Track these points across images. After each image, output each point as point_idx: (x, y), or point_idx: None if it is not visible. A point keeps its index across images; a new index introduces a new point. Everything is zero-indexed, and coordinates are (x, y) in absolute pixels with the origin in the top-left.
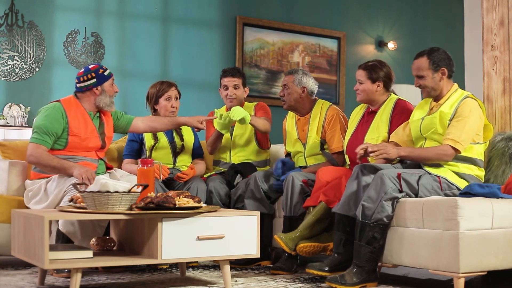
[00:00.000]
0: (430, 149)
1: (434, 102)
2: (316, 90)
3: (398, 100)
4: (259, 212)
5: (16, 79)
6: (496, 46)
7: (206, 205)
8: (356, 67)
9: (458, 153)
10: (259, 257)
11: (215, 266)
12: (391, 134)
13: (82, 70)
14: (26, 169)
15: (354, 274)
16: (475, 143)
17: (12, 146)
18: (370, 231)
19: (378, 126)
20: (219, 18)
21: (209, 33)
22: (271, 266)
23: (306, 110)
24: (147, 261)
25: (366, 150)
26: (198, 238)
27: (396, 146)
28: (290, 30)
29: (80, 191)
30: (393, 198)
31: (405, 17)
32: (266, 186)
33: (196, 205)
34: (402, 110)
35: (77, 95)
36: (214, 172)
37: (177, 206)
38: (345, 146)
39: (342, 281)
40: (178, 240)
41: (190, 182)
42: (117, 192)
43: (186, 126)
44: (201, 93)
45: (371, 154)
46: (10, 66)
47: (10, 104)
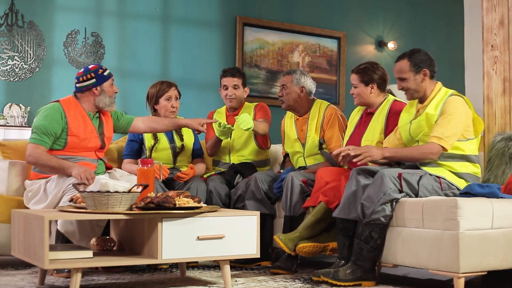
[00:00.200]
0: (416, 148)
1: (420, 104)
2: (314, 90)
3: (394, 101)
4: (259, 212)
5: (16, 79)
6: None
7: (206, 205)
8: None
9: (444, 150)
10: (259, 257)
11: (215, 266)
12: (384, 140)
13: (82, 70)
14: (26, 169)
15: (349, 271)
16: (466, 140)
17: (12, 146)
18: (367, 230)
19: (375, 128)
20: (219, 18)
21: (209, 33)
22: (271, 266)
23: (305, 110)
24: (147, 261)
25: (349, 155)
26: (198, 238)
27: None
28: (290, 30)
29: (80, 191)
30: (392, 199)
31: (405, 17)
32: (267, 186)
33: (196, 205)
34: (397, 112)
35: (76, 95)
36: (214, 172)
37: (177, 206)
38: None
39: (334, 276)
40: (178, 240)
41: (190, 182)
42: (117, 192)
43: (187, 128)
44: (201, 93)
45: (354, 160)
46: (10, 66)
47: (10, 104)
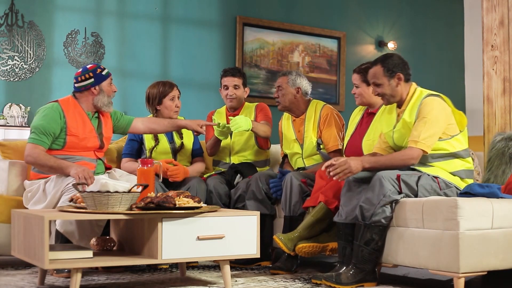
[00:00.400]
0: (395, 155)
1: (398, 109)
2: (310, 91)
3: None
4: (259, 212)
5: (16, 79)
6: (496, 46)
7: (206, 205)
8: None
9: (425, 153)
10: (259, 257)
11: (215, 266)
12: (373, 147)
13: (80, 70)
14: (26, 169)
15: (351, 274)
16: (451, 137)
17: (12, 146)
18: (368, 232)
19: (376, 128)
20: (219, 18)
21: (209, 33)
22: (271, 266)
23: (301, 110)
24: (147, 261)
25: (333, 164)
26: (198, 238)
27: (360, 156)
28: (290, 30)
29: (80, 191)
30: (392, 201)
31: (405, 17)
32: (267, 187)
33: (196, 205)
34: None
35: (75, 95)
36: (214, 172)
37: (177, 206)
38: (344, 147)
39: (337, 280)
40: (178, 240)
41: (190, 182)
42: (117, 192)
43: (186, 129)
44: (201, 93)
45: (335, 178)
46: (10, 66)
47: (10, 104)
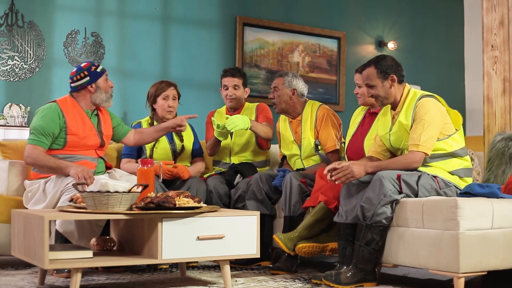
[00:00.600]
0: (397, 159)
1: (393, 111)
2: (306, 93)
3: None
4: (259, 212)
5: (16, 79)
6: (496, 46)
7: (206, 205)
8: (356, 67)
9: (426, 155)
10: (259, 257)
11: (215, 266)
12: (368, 150)
13: (75, 69)
14: (26, 169)
15: (351, 274)
16: (447, 137)
17: (12, 146)
18: (369, 233)
19: (378, 128)
20: (219, 18)
21: (209, 33)
22: (271, 266)
23: (297, 112)
24: (147, 261)
25: (335, 168)
26: (198, 238)
27: (369, 161)
28: (290, 30)
29: (80, 191)
30: (392, 201)
31: (405, 17)
32: (268, 187)
33: (196, 205)
34: None
35: (73, 95)
36: (214, 172)
37: (177, 206)
38: (345, 147)
39: (337, 280)
40: (178, 240)
41: (190, 182)
42: (117, 192)
43: (168, 130)
44: (201, 93)
45: (337, 182)
46: (10, 66)
47: (10, 104)
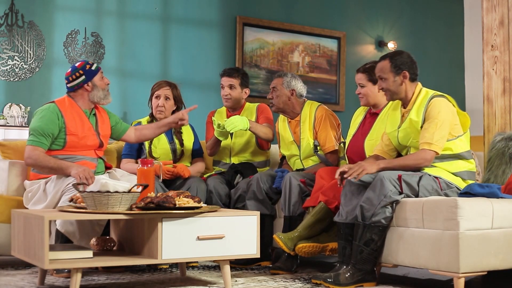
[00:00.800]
0: (409, 157)
1: (403, 109)
2: (305, 93)
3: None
4: (259, 212)
5: (16, 79)
6: (496, 46)
7: (206, 205)
8: (356, 67)
9: (437, 154)
10: (259, 257)
11: (215, 266)
12: (374, 149)
13: (69, 69)
14: (26, 169)
15: (350, 274)
16: (455, 138)
17: (12, 146)
18: (368, 233)
19: (379, 128)
20: (219, 18)
21: (209, 33)
22: (271, 266)
23: (296, 112)
24: (147, 261)
25: (345, 172)
26: (198, 238)
27: (375, 159)
28: (290, 30)
29: (80, 191)
30: (392, 201)
31: (405, 17)
32: (268, 187)
33: (196, 205)
34: None
35: (70, 95)
36: (214, 172)
37: (177, 206)
38: (346, 147)
39: (336, 281)
40: (178, 240)
41: (190, 182)
42: (117, 192)
43: (170, 125)
44: (201, 93)
45: (349, 178)
46: (10, 66)
47: (10, 104)
